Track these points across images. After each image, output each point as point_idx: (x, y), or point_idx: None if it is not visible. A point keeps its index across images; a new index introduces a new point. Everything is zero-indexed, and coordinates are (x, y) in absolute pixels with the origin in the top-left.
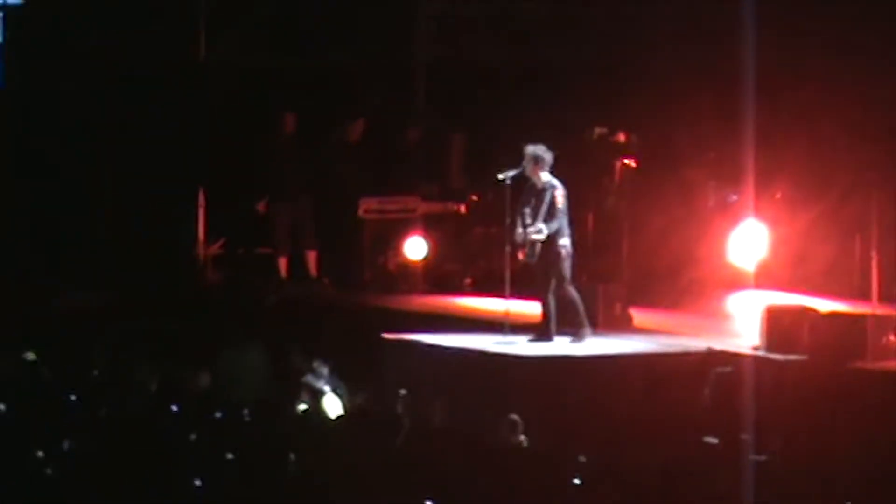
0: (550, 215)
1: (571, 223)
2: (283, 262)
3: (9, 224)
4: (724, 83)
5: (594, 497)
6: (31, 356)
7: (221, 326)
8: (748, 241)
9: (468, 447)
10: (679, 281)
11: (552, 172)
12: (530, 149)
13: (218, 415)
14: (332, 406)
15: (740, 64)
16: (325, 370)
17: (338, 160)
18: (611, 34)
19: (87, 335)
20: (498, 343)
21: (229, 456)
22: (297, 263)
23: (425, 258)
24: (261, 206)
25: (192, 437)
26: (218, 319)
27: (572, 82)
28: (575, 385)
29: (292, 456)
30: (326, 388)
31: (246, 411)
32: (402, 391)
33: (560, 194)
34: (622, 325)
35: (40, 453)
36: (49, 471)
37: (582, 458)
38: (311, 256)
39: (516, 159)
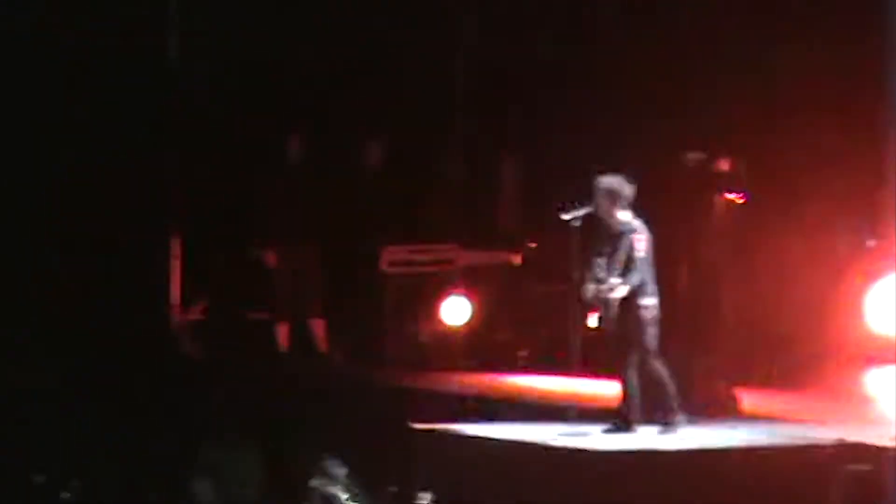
0: (630, 267)
1: (658, 277)
2: (282, 331)
3: None
4: (859, 92)
5: None
6: None
7: (202, 416)
8: (891, 299)
9: None
10: (800, 352)
11: (633, 211)
12: (604, 181)
13: None
14: None
15: (881, 67)
16: (339, 471)
17: (354, 195)
18: (709, 26)
19: (27, 427)
20: (563, 435)
21: None
22: (300, 332)
23: (468, 324)
24: (255, 257)
25: None
26: (198, 406)
27: (659, 91)
28: (665, 489)
29: None
30: (342, 495)
31: None
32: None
33: (643, 239)
34: (726, 410)
35: None
36: None
37: None
38: (319, 323)
39: (586, 194)
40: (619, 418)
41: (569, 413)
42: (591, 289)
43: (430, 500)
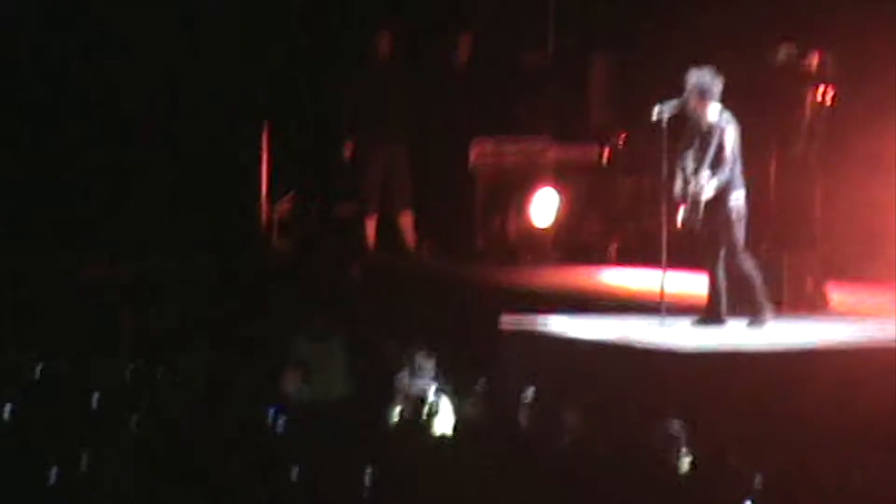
0: (719, 163)
1: (748, 173)
2: (371, 224)
3: (25, 178)
4: None
5: None
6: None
7: (289, 308)
8: None
9: (613, 467)
10: (891, 249)
11: (723, 106)
12: (694, 75)
13: (280, 423)
14: (439, 415)
15: None
16: (427, 366)
17: (443, 91)
18: None
19: (116, 317)
20: (652, 330)
21: (293, 478)
22: (388, 226)
23: (556, 219)
24: (345, 152)
25: (245, 452)
26: (285, 298)
27: None
28: (752, 385)
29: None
30: (430, 391)
31: (319, 419)
32: (527, 394)
33: (732, 135)
34: (815, 306)
35: (54, 471)
36: (64, 495)
37: (758, 480)
38: (407, 217)
39: (676, 89)
40: (707, 312)
41: (658, 308)
42: (680, 184)
43: (532, 396)
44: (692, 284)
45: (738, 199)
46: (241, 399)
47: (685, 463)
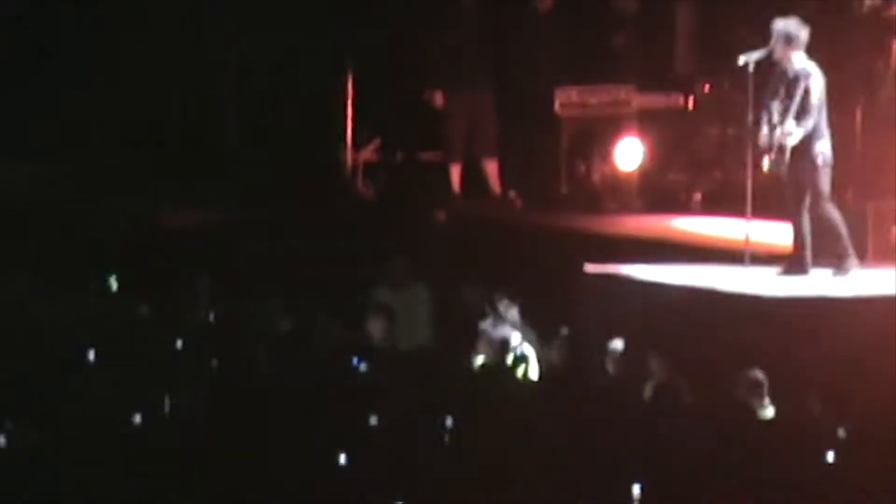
0: (805, 111)
1: (833, 122)
2: (455, 171)
3: (99, 120)
4: None
5: (849, 479)
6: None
7: (373, 254)
8: None
9: (696, 413)
10: None
11: (808, 55)
12: (780, 24)
13: (363, 368)
14: (524, 362)
15: None
16: (511, 313)
17: (527, 38)
18: None
19: (196, 264)
20: (736, 278)
21: (374, 422)
22: (473, 173)
23: (640, 167)
24: (431, 99)
25: (329, 397)
26: (369, 245)
27: None
28: (837, 333)
29: (449, 421)
30: (514, 338)
31: (402, 365)
32: (615, 344)
33: (818, 84)
34: None
35: (136, 417)
36: (146, 438)
37: (842, 431)
38: (492, 164)
39: (762, 37)
40: (791, 262)
41: (743, 256)
42: (765, 134)
43: (616, 343)
44: (777, 234)
45: (823, 147)
46: (325, 345)
47: (768, 411)
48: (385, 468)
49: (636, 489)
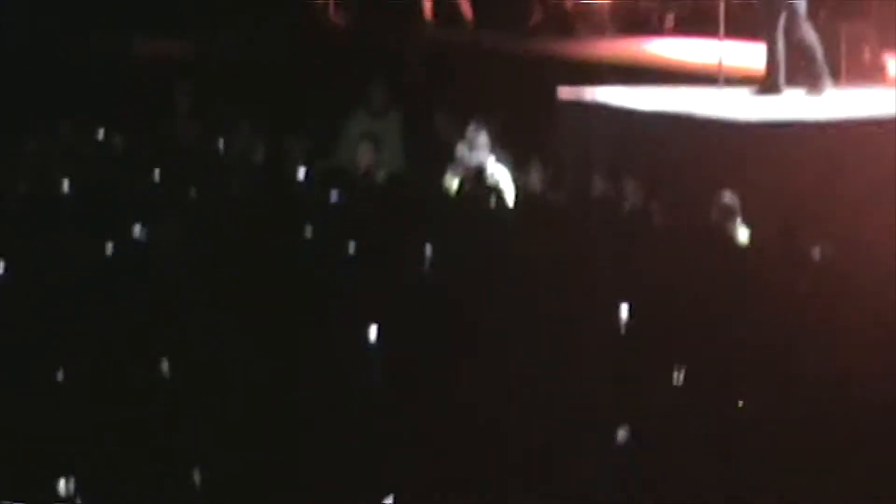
0: None
1: None
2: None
3: None
4: None
5: (822, 300)
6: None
7: (346, 81)
8: None
9: (670, 235)
10: None
11: None
12: None
13: (335, 195)
14: (498, 186)
15: None
16: (483, 139)
17: None
18: None
19: (172, 94)
20: (710, 100)
21: (351, 250)
22: (445, 1)
23: None
24: None
25: (307, 224)
26: (342, 72)
27: None
28: (810, 155)
29: (429, 249)
30: (488, 163)
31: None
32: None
33: None
34: (873, 76)
35: (109, 245)
36: (123, 263)
37: (816, 253)
38: None
39: None
40: (765, 82)
41: (716, 79)
42: None
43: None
44: (750, 55)
45: None
46: (298, 172)
47: (742, 234)
48: (365, 296)
49: (623, 310)
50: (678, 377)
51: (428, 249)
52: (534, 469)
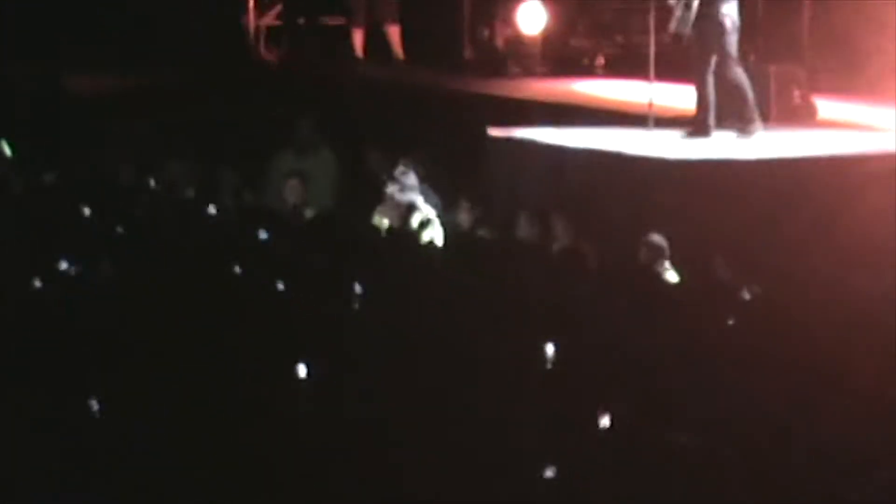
0: None
1: None
2: (358, 36)
3: None
4: None
5: (752, 344)
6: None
7: (275, 118)
8: None
9: (600, 276)
10: (880, 59)
11: None
12: None
13: (263, 234)
14: (428, 226)
15: None
16: (412, 179)
17: None
18: None
19: (102, 128)
20: (640, 141)
21: (280, 286)
22: (376, 38)
23: (544, 31)
24: None
25: (235, 262)
26: (271, 109)
27: None
28: (740, 195)
29: (357, 288)
30: (418, 202)
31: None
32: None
33: None
34: (802, 118)
35: (37, 282)
36: (53, 300)
37: (746, 295)
38: (395, 28)
39: None
40: (695, 124)
41: (646, 120)
42: None
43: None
44: (680, 97)
45: (729, 10)
46: (230, 211)
47: (671, 275)
48: (293, 333)
49: (549, 348)
50: (604, 418)
51: (357, 287)
52: None
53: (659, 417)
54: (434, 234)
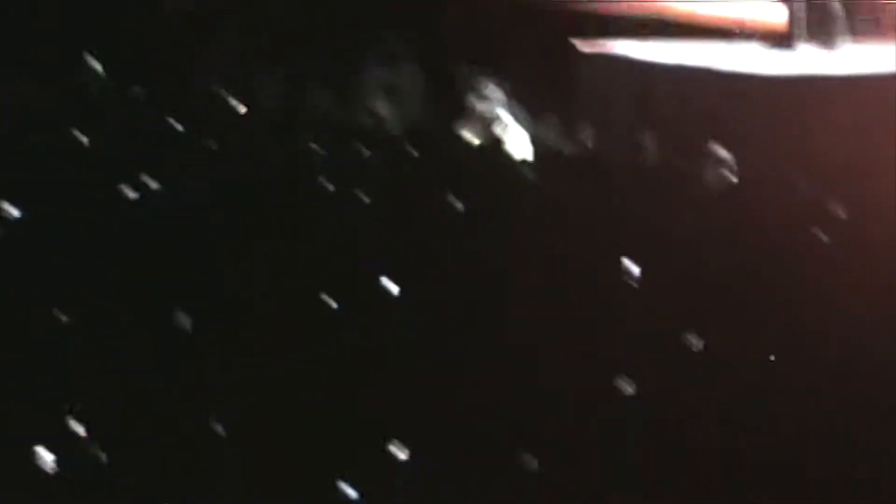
0: None
1: None
2: None
3: None
4: None
5: (842, 264)
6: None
7: (359, 31)
8: None
9: (669, 189)
10: None
11: None
12: None
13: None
14: (516, 140)
15: None
16: (499, 94)
17: None
18: None
19: (193, 47)
20: (730, 55)
21: (366, 200)
22: None
23: None
24: None
25: (323, 177)
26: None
27: None
28: (826, 110)
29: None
30: (505, 116)
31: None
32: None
33: None
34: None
35: (131, 194)
36: (141, 214)
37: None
38: None
39: None
40: (781, 37)
41: (737, 34)
42: None
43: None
44: (769, 11)
45: None
46: (319, 125)
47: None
48: (382, 244)
49: (633, 267)
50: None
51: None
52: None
53: (747, 338)
54: (522, 150)
